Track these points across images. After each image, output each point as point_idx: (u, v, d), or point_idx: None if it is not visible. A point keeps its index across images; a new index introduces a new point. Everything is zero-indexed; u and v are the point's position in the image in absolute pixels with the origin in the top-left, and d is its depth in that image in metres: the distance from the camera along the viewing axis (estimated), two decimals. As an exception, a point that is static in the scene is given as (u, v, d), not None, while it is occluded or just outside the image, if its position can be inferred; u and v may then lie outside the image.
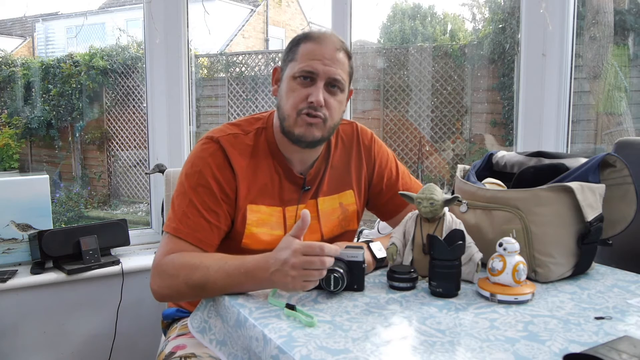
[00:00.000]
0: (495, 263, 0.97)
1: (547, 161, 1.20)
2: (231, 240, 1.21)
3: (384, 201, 1.37)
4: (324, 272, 0.94)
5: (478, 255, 1.05)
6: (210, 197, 1.15)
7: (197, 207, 1.13)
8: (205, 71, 5.29)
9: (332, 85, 1.16)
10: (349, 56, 1.20)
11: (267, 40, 7.93)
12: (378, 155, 1.36)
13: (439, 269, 0.99)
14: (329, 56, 1.14)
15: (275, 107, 1.23)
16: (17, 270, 1.87)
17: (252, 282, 0.98)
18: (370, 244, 1.18)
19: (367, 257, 1.14)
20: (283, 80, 1.19)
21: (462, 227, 1.07)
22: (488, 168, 1.32)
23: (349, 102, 2.14)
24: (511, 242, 0.97)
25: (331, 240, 1.27)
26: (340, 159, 1.32)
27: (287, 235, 0.98)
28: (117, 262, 1.96)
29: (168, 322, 1.43)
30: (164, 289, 1.08)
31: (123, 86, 4.96)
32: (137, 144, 4.94)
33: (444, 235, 1.04)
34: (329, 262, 0.93)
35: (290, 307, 0.90)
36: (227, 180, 1.16)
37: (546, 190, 1.06)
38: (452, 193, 1.25)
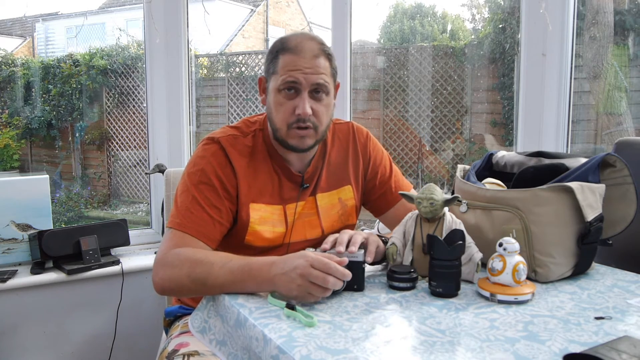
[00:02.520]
0: (495, 263, 0.97)
1: (547, 161, 1.20)
2: (234, 237, 1.23)
3: (375, 197, 1.40)
4: (327, 292, 0.93)
5: (478, 255, 1.05)
6: (212, 194, 1.18)
7: (200, 203, 1.16)
8: (205, 71, 5.29)
9: (317, 91, 1.18)
10: (329, 57, 1.20)
11: (267, 40, 7.93)
12: (373, 152, 1.39)
13: (439, 269, 0.99)
14: (309, 64, 1.15)
15: (266, 115, 1.26)
16: (17, 270, 1.87)
17: (253, 281, 0.99)
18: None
19: (379, 242, 1.15)
20: (269, 93, 1.22)
21: (462, 227, 1.07)
22: (488, 168, 1.32)
23: (349, 102, 2.16)
24: (511, 242, 0.97)
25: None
26: (337, 155, 1.35)
27: (307, 250, 0.99)
28: (117, 262, 1.96)
29: (170, 319, 1.44)
30: (165, 281, 1.08)
31: (123, 86, 4.96)
32: (137, 144, 4.94)
33: (444, 235, 1.04)
34: (333, 282, 0.92)
35: (290, 307, 0.90)
36: (228, 178, 1.20)
37: (546, 190, 1.06)
38: (452, 193, 1.25)
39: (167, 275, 1.08)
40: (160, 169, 2.10)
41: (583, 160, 1.13)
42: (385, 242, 1.17)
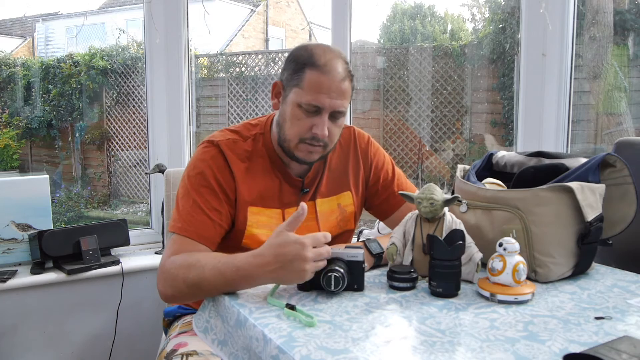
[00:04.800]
0: (495, 263, 0.97)
1: (547, 161, 1.20)
2: (231, 240, 1.23)
3: (379, 202, 1.40)
4: (326, 261, 0.97)
5: (478, 255, 1.05)
6: (212, 197, 1.18)
7: (200, 207, 1.16)
8: (205, 71, 5.30)
9: (336, 115, 1.19)
10: (351, 79, 1.21)
11: (267, 40, 7.94)
12: (375, 157, 1.39)
13: (439, 269, 0.99)
14: (335, 89, 1.15)
15: (275, 121, 1.25)
16: (17, 270, 1.87)
17: (247, 281, 0.98)
18: (366, 242, 1.19)
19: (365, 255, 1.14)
20: (287, 103, 1.20)
21: (462, 227, 1.07)
22: (488, 168, 1.32)
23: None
24: (511, 242, 0.97)
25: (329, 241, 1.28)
26: (338, 161, 1.35)
27: (282, 230, 0.96)
28: (117, 262, 1.96)
29: (169, 320, 1.44)
30: (167, 290, 1.09)
31: (123, 86, 4.96)
32: (137, 144, 4.95)
33: (444, 235, 1.04)
34: (330, 250, 0.97)
35: (290, 307, 0.90)
36: (227, 182, 1.20)
37: (546, 190, 1.06)
38: (452, 193, 1.25)
39: (168, 284, 1.08)
40: (160, 169, 2.10)
41: (583, 160, 1.13)
42: (372, 254, 1.17)
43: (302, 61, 1.17)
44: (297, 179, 1.27)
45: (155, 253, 2.15)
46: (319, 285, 0.98)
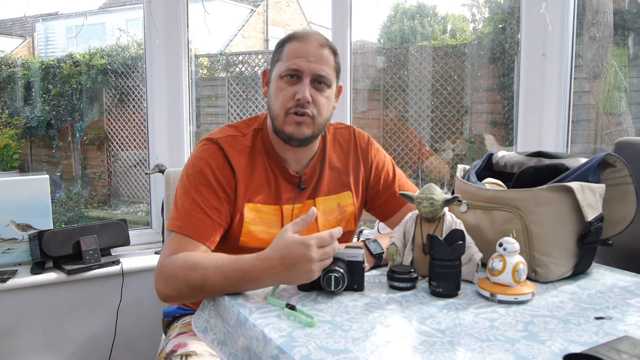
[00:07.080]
0: (495, 263, 0.97)
1: (547, 161, 1.20)
2: (230, 239, 1.22)
3: (380, 203, 1.39)
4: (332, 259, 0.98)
5: (478, 255, 1.05)
6: (211, 195, 1.17)
7: (199, 205, 1.16)
8: (205, 71, 5.29)
9: (319, 81, 1.19)
10: (334, 52, 1.23)
11: (267, 40, 7.94)
12: (375, 157, 1.38)
13: (439, 269, 0.99)
14: (313, 53, 1.18)
15: (267, 106, 1.27)
16: (17, 270, 1.87)
17: (252, 284, 0.98)
18: (367, 242, 1.19)
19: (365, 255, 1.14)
20: (272, 81, 1.23)
21: (462, 227, 1.07)
22: (488, 168, 1.32)
23: (349, 102, 2.16)
24: (511, 242, 0.97)
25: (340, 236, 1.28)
26: (338, 160, 1.34)
27: (287, 232, 0.96)
28: (117, 262, 1.96)
29: (169, 320, 1.44)
30: (166, 290, 1.08)
31: (123, 86, 4.96)
32: (137, 144, 4.94)
33: (444, 235, 1.04)
34: (337, 247, 0.97)
35: (290, 307, 0.90)
36: (227, 179, 1.19)
37: (546, 190, 1.06)
38: (452, 193, 1.25)
39: (167, 285, 1.07)
40: (160, 169, 2.10)
41: (583, 160, 1.13)
42: (373, 254, 1.17)
43: (283, 40, 1.23)
44: (294, 175, 1.27)
45: (155, 253, 2.15)
46: (319, 285, 0.98)
